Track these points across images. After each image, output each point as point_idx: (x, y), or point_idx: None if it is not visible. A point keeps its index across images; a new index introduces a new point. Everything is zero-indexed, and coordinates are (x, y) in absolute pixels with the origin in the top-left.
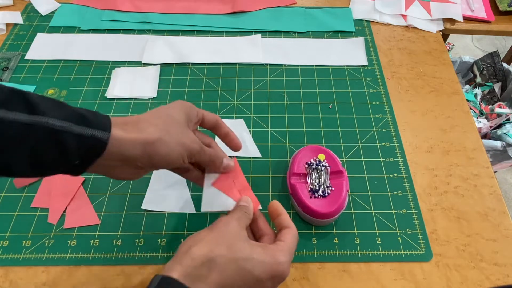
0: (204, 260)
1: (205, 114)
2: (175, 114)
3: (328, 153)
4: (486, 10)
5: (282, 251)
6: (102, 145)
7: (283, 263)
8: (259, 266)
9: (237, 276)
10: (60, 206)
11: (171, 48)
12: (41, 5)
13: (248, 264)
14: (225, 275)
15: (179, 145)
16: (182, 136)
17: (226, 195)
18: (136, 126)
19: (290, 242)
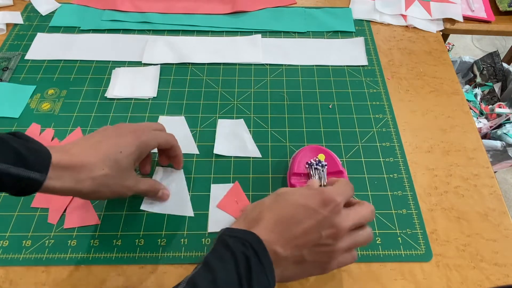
0: (252, 209)
1: (160, 143)
2: (123, 158)
3: (328, 153)
4: (486, 10)
5: (327, 188)
6: (38, 185)
7: (327, 190)
8: (304, 196)
9: (288, 208)
10: (60, 206)
11: (171, 48)
12: (41, 5)
13: (293, 197)
14: (276, 211)
15: (123, 188)
16: (127, 181)
17: (230, 215)
18: (75, 175)
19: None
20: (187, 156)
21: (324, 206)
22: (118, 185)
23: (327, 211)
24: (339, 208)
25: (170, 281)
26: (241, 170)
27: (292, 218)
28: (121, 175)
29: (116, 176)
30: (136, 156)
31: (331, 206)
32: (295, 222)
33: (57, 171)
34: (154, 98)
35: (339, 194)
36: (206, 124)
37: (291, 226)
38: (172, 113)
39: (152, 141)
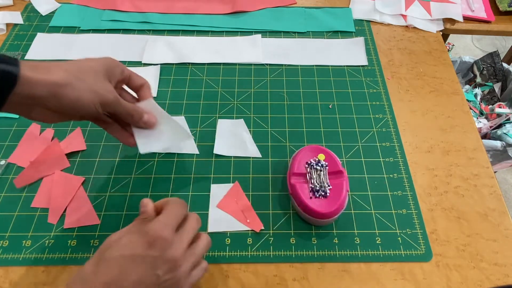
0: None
1: (132, 75)
2: (93, 64)
3: (328, 153)
4: (486, 10)
5: (151, 222)
6: (13, 78)
7: (152, 228)
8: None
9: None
10: (60, 206)
11: (171, 48)
12: (41, 5)
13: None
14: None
15: (91, 92)
16: (95, 84)
17: (231, 215)
18: (47, 69)
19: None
20: (187, 156)
21: (151, 247)
22: (94, 86)
23: (157, 251)
24: (168, 241)
25: None
26: (241, 170)
27: (120, 276)
28: (95, 76)
29: (89, 73)
30: (106, 68)
31: (159, 244)
32: (125, 278)
33: (29, 67)
34: (154, 98)
35: (166, 226)
36: (206, 124)
37: (122, 283)
38: (172, 113)
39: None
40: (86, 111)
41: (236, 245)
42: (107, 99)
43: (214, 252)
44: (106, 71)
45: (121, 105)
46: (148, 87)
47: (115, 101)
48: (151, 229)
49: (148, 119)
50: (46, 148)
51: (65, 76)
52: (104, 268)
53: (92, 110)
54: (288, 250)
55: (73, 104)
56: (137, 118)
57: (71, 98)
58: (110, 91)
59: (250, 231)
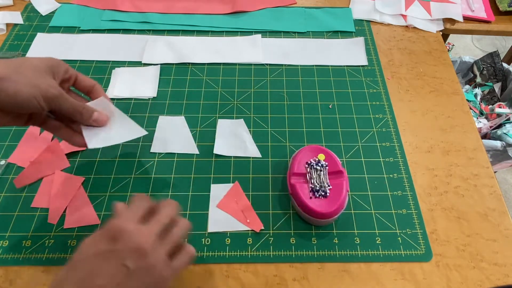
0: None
1: (79, 76)
2: (34, 61)
3: (328, 153)
4: (486, 10)
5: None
6: None
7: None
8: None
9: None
10: (60, 206)
11: (171, 48)
12: (41, 5)
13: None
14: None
15: (32, 86)
16: (37, 78)
17: (231, 215)
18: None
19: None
20: (187, 156)
21: (114, 241)
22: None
23: (121, 244)
24: (131, 232)
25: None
26: (241, 170)
27: (90, 275)
28: (35, 71)
29: (29, 68)
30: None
31: (121, 236)
32: (95, 275)
33: None
34: (154, 98)
35: (129, 219)
36: (206, 124)
37: (93, 282)
38: (172, 113)
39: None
40: (28, 106)
41: (236, 245)
42: (50, 93)
43: (214, 252)
44: (49, 68)
45: (67, 101)
46: (99, 88)
47: (59, 95)
48: (112, 224)
49: (98, 117)
50: (46, 148)
51: (2, 71)
52: (74, 270)
53: (34, 105)
54: (288, 250)
55: (13, 99)
56: (86, 116)
57: (10, 92)
58: (53, 85)
59: (250, 231)
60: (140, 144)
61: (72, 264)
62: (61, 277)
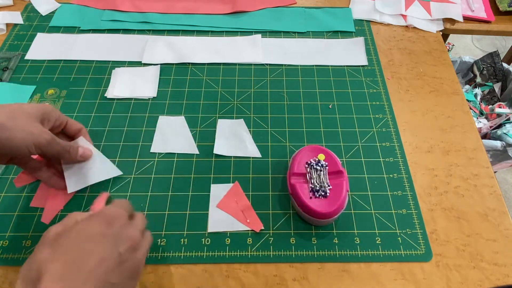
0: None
1: (69, 121)
2: (27, 108)
3: (328, 153)
4: (486, 10)
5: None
6: None
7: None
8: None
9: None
10: (56, 206)
11: (171, 48)
12: (41, 5)
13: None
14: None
15: (25, 133)
16: (29, 125)
17: (231, 215)
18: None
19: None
20: (187, 156)
21: (110, 225)
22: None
23: (117, 229)
24: (126, 221)
25: (170, 281)
26: (241, 170)
27: (81, 254)
28: (28, 118)
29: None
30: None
31: (119, 222)
32: (87, 256)
33: None
34: (154, 98)
35: (121, 207)
36: (206, 124)
37: (83, 263)
38: (172, 113)
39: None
40: (18, 151)
41: (236, 245)
42: (42, 140)
43: (214, 252)
44: (41, 115)
45: (58, 144)
46: (85, 132)
47: (51, 141)
48: (108, 210)
49: (84, 152)
50: None
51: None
52: (61, 251)
53: (23, 151)
54: (288, 250)
55: (5, 145)
56: (74, 154)
57: (3, 138)
58: (45, 132)
59: (250, 231)
60: (140, 144)
61: (59, 244)
62: (43, 257)
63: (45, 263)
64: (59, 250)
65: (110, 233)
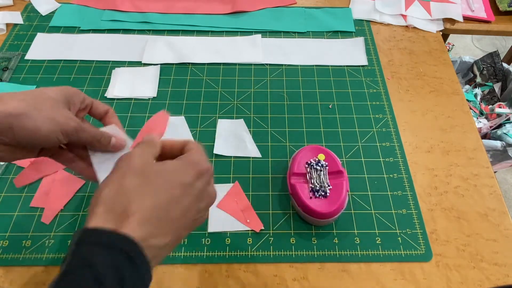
0: (115, 195)
1: (95, 103)
2: (50, 93)
3: (328, 153)
4: (486, 10)
5: (193, 154)
6: None
7: (201, 160)
8: (175, 172)
9: (163, 190)
10: (56, 206)
11: (171, 48)
12: (41, 5)
13: (166, 175)
14: (149, 197)
15: (50, 121)
16: (54, 112)
17: (231, 215)
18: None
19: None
20: None
21: (199, 178)
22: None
23: (203, 184)
24: (211, 176)
25: (170, 281)
26: (241, 170)
27: (170, 201)
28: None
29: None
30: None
31: (205, 177)
32: (174, 203)
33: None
34: (154, 98)
35: (207, 160)
36: (206, 124)
37: (169, 210)
38: (172, 113)
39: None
40: (46, 141)
41: (236, 245)
42: (69, 127)
43: (214, 252)
44: (65, 99)
45: (85, 131)
46: (113, 114)
47: (78, 127)
48: (200, 160)
49: (117, 142)
50: None
51: (20, 106)
52: (153, 189)
53: (53, 141)
54: (288, 250)
55: (32, 136)
56: (105, 142)
57: (29, 128)
58: (71, 118)
59: (250, 231)
60: None
61: (149, 178)
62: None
63: (134, 196)
64: (149, 186)
65: (198, 186)
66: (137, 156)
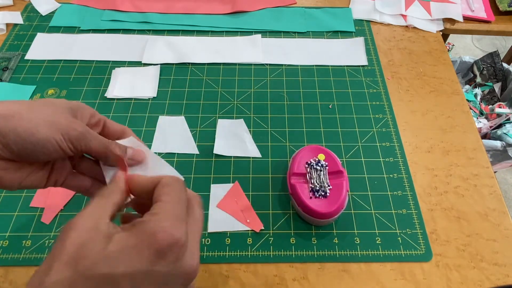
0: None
1: (108, 121)
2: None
3: (328, 153)
4: (486, 10)
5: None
6: None
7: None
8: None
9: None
10: (56, 206)
11: (171, 48)
12: (41, 5)
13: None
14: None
15: (49, 124)
16: (54, 115)
17: (231, 215)
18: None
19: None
20: (187, 156)
21: (161, 259)
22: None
23: (170, 264)
24: (183, 246)
25: None
26: (241, 170)
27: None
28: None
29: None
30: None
31: (172, 253)
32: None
33: None
34: (154, 98)
35: (178, 221)
36: (206, 124)
37: None
38: (172, 113)
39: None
40: (45, 149)
41: (236, 245)
42: (73, 131)
43: (214, 252)
44: (71, 108)
45: (96, 138)
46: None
47: (85, 132)
48: (160, 231)
49: (134, 154)
50: None
51: (13, 107)
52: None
53: (53, 147)
54: (288, 250)
55: (25, 141)
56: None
57: (20, 132)
58: (77, 122)
59: (250, 231)
60: None
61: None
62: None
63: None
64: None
65: (160, 271)
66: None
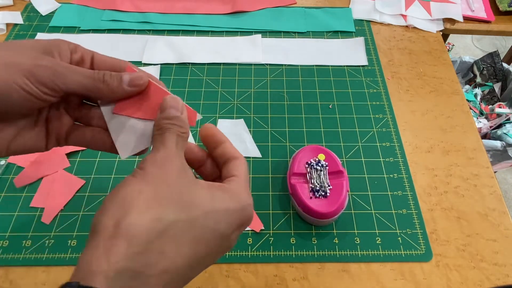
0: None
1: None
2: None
3: (328, 153)
4: (486, 10)
5: (244, 190)
6: None
7: (249, 206)
8: (225, 219)
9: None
10: (56, 206)
11: (171, 48)
12: (41, 5)
13: (211, 221)
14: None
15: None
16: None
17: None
18: None
19: (245, 177)
20: None
21: (238, 230)
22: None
23: (237, 236)
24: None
25: None
26: None
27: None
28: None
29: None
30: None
31: (243, 229)
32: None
33: None
34: None
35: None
36: None
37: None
38: None
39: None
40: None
41: (236, 245)
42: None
43: None
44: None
45: (75, 72)
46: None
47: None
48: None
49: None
50: None
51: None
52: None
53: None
54: (288, 250)
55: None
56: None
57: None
58: (43, 58)
59: (250, 231)
60: None
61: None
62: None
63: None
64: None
65: (233, 239)
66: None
